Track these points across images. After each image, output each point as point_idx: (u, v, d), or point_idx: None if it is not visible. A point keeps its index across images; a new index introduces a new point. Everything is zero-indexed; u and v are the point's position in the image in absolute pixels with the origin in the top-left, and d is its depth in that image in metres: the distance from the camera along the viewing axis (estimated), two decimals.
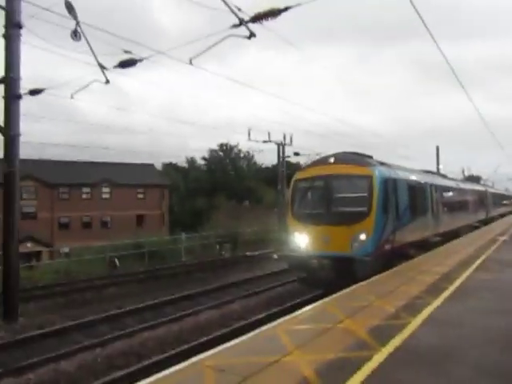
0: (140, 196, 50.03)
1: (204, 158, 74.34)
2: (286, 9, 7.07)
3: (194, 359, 4.87)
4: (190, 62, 8.35)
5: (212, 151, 73.67)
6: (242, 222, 38.21)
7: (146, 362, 7.96)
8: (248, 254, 25.45)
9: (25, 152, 13.07)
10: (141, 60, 9.50)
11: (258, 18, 7.38)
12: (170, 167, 73.03)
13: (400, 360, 4.74)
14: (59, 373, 7.77)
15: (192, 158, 79.12)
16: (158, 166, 63.12)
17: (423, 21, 8.61)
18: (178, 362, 4.96)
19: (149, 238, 27.01)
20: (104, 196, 47.94)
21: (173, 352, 8.48)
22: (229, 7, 7.54)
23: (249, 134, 30.96)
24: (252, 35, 7.53)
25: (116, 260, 21.90)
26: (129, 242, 25.95)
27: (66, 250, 34.86)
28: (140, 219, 48.82)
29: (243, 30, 7.44)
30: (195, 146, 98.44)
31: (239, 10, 8.37)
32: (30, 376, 7.64)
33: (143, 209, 49.27)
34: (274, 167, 64.84)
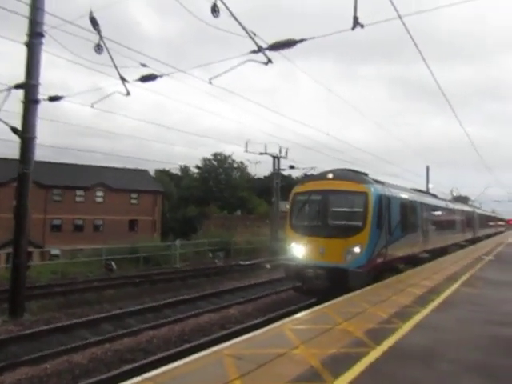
0: (133, 201, 50.34)
1: (197, 167, 75.05)
2: (301, 40, 7.84)
3: (213, 348, 5.51)
4: (210, 82, 9.09)
5: (206, 160, 74.45)
6: (234, 232, 38.80)
7: (153, 358, 8.52)
8: (241, 262, 25.99)
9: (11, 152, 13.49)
10: (161, 76, 10.20)
11: (275, 46, 8.12)
12: (162, 174, 73.52)
13: (393, 356, 5.43)
14: (73, 364, 8.31)
15: (186, 166, 79.76)
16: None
17: (414, 40, 9.05)
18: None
19: (144, 243, 27.45)
20: (97, 200, 48.16)
21: (178, 350, 9.03)
22: (248, 33, 8.28)
23: (246, 146, 31.73)
24: (269, 61, 8.28)
25: (113, 263, 22.30)
26: (124, 246, 26.36)
27: (57, 252, 35.25)
28: (132, 224, 49.16)
29: (260, 56, 8.24)
30: (180, 154, 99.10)
31: (254, 34, 9.15)
32: (46, 366, 8.16)
33: (136, 214, 49.58)
34: (266, 178, 65.79)
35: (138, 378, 4.47)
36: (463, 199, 45.89)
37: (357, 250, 11.98)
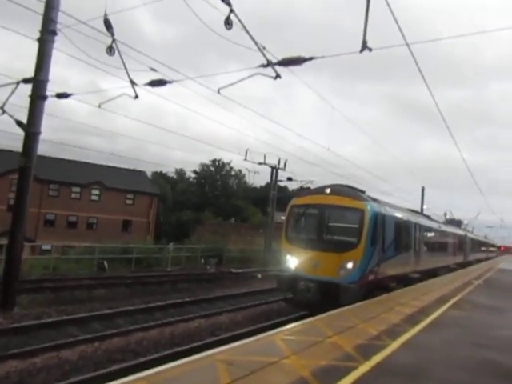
0: (129, 202, 50.32)
1: (195, 172, 75.15)
2: (310, 58, 8.07)
3: (205, 353, 5.61)
4: (218, 92, 9.29)
5: (203, 165, 74.56)
6: (227, 239, 38.86)
7: (143, 359, 8.58)
8: (233, 270, 26.04)
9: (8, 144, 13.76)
10: (171, 82, 10.39)
11: (284, 62, 8.35)
12: (158, 176, 73.47)
13: (381, 372, 5.54)
14: (63, 360, 8.36)
15: (181, 170, 79.83)
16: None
17: (418, 65, 9.30)
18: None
19: (137, 244, 27.47)
20: (93, 198, 48.12)
21: (168, 352, 9.09)
22: (258, 48, 8.50)
23: (246, 154, 31.85)
24: (278, 76, 8.48)
25: (105, 263, 22.30)
26: (117, 246, 26.38)
27: (48, 247, 35.11)
28: (126, 225, 49.09)
29: (269, 70, 8.45)
30: (177, 158, 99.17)
31: (264, 48, 9.37)
32: (35, 360, 8.20)
33: (130, 215, 49.54)
34: (263, 188, 65.92)
35: (132, 377, 4.57)
36: (456, 223, 46.20)
37: (350, 265, 12.11)
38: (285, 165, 34.62)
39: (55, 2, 12.33)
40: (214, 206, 66.91)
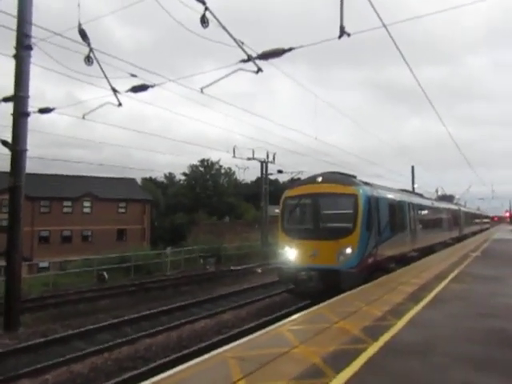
0: (121, 210, 50.09)
1: (184, 174, 74.88)
2: (290, 49, 8.11)
3: (215, 352, 5.66)
4: (201, 91, 9.28)
5: (192, 167, 74.32)
6: (223, 238, 38.90)
7: (154, 364, 8.61)
8: (232, 268, 26.11)
9: None
10: (152, 86, 10.35)
11: (264, 55, 8.37)
12: (148, 182, 73.18)
13: (390, 351, 5.64)
14: (74, 374, 8.37)
15: (171, 174, 79.55)
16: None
17: (397, 46, 9.37)
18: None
19: (135, 252, 27.41)
20: (85, 210, 47.82)
21: (177, 355, 9.13)
22: (238, 44, 8.51)
23: (234, 151, 31.93)
24: (259, 70, 8.51)
25: (105, 273, 22.23)
26: (114, 256, 26.28)
27: (45, 264, 34.91)
28: (121, 233, 48.89)
29: (251, 65, 8.47)
30: (164, 161, 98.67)
31: (242, 43, 9.38)
32: (47, 377, 8.19)
33: (124, 223, 49.33)
34: (254, 184, 65.87)
35: (146, 382, 4.60)
36: (448, 198, 46.68)
37: (348, 251, 12.23)
38: (274, 158, 34.73)
39: (28, 16, 12.18)
40: (206, 206, 66.79)
